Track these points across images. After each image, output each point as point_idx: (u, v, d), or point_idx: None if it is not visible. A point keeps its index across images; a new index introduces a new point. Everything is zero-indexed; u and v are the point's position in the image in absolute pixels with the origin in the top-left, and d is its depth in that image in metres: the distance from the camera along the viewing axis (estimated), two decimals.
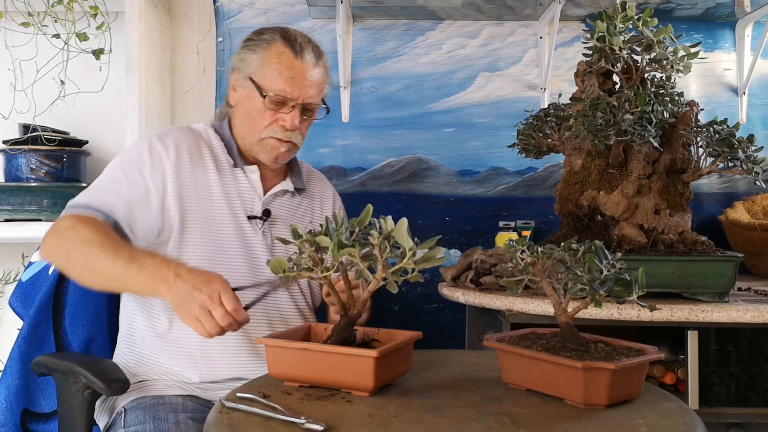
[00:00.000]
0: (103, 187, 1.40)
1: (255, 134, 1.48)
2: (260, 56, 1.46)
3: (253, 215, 1.48)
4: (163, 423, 1.28)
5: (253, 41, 1.49)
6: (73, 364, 1.32)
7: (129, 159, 1.43)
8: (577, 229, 1.71)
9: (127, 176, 1.40)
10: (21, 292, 1.56)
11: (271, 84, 1.44)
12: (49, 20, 2.07)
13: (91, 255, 1.27)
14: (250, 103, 1.47)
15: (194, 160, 1.46)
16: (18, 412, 1.47)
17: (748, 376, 1.67)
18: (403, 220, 0.96)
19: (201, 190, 1.44)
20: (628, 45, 1.58)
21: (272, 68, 1.45)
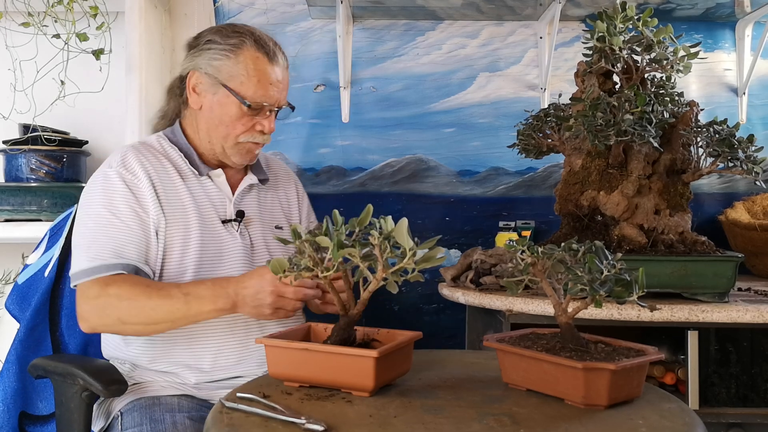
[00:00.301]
0: (103, 238, 1.35)
1: (230, 140, 1.45)
2: (234, 63, 1.42)
3: (227, 219, 1.46)
4: (160, 424, 1.28)
5: (220, 45, 1.43)
6: (70, 366, 1.31)
7: (110, 199, 1.38)
8: (577, 229, 1.71)
9: (119, 217, 1.36)
10: (17, 295, 1.56)
11: (250, 92, 1.42)
12: (49, 20, 2.07)
13: (145, 310, 1.30)
14: (223, 109, 1.43)
15: (161, 176, 1.42)
16: (15, 415, 1.46)
17: (748, 376, 1.67)
18: (403, 220, 0.96)
19: (174, 205, 1.42)
20: (628, 45, 1.58)
21: (249, 75, 1.42)
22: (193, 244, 1.40)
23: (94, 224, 1.36)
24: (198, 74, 1.45)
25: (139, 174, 1.39)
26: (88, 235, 1.37)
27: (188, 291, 1.32)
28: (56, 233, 1.60)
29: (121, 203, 1.37)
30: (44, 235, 1.62)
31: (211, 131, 1.46)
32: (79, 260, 1.35)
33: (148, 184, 1.39)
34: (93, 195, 1.40)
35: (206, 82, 1.44)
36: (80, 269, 1.34)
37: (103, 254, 1.33)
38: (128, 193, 1.38)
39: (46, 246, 1.59)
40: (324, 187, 2.38)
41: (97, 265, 1.32)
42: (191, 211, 1.42)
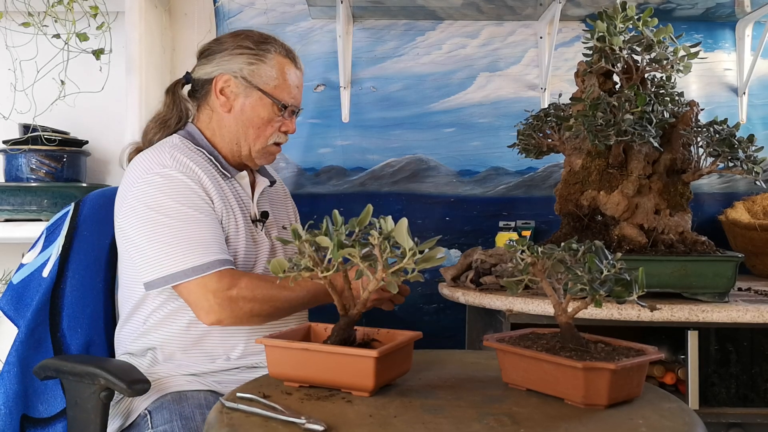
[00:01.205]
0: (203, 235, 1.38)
1: (259, 142, 1.53)
2: (269, 67, 1.51)
3: (255, 219, 1.54)
4: (191, 421, 1.29)
5: (253, 51, 1.51)
6: (89, 367, 1.30)
7: (183, 196, 1.40)
8: (577, 229, 1.71)
9: (201, 211, 1.40)
10: (12, 295, 1.55)
11: (285, 96, 1.52)
12: (49, 20, 2.07)
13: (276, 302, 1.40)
14: (255, 111, 1.51)
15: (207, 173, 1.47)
16: (17, 418, 1.45)
17: (748, 376, 1.67)
18: (403, 220, 0.96)
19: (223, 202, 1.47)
20: (628, 45, 1.58)
21: (281, 79, 1.52)
22: (240, 240, 1.47)
23: (181, 222, 1.38)
24: (227, 77, 1.51)
25: (195, 170, 1.44)
26: (178, 234, 1.37)
27: (307, 288, 1.42)
28: (53, 232, 1.59)
29: (196, 198, 1.41)
30: (40, 235, 1.61)
31: (241, 133, 1.52)
32: (181, 259, 1.36)
33: (206, 178, 1.44)
34: (161, 195, 1.39)
35: (238, 85, 1.51)
36: (189, 267, 1.36)
37: (212, 249, 1.38)
38: (198, 187, 1.42)
39: (42, 245, 1.59)
40: (324, 187, 2.38)
41: (213, 260, 1.37)
42: (229, 211, 1.48)
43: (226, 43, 1.54)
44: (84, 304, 1.52)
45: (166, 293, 1.44)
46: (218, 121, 1.53)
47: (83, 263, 1.54)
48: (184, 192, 1.40)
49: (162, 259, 1.37)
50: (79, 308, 1.51)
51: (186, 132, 1.55)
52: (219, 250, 1.39)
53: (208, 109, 1.54)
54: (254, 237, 1.51)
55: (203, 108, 1.56)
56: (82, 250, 1.55)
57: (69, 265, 1.53)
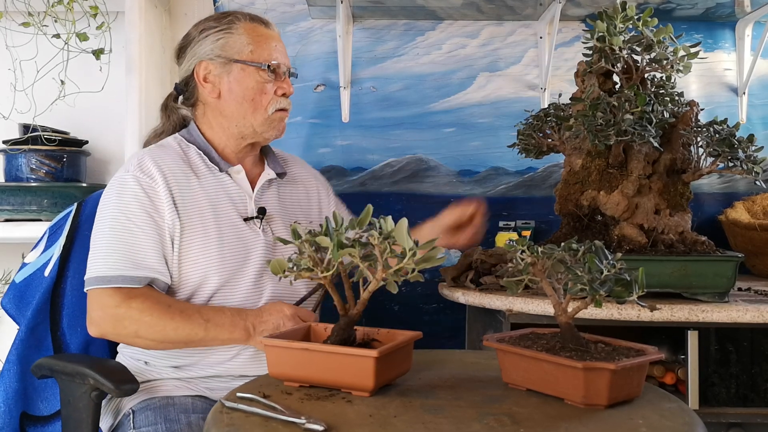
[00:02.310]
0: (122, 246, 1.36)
1: (260, 114, 1.47)
2: (237, 36, 1.46)
3: (248, 216, 1.47)
4: (175, 424, 1.28)
5: (217, 28, 1.48)
6: (80, 366, 1.31)
7: (126, 204, 1.38)
8: (577, 229, 1.71)
9: (136, 224, 1.37)
10: (14, 294, 1.55)
11: (264, 56, 1.46)
12: (49, 20, 2.07)
13: (165, 329, 1.33)
14: (243, 84, 1.46)
15: (177, 178, 1.43)
16: (17, 416, 1.46)
17: (748, 376, 1.67)
18: (403, 220, 0.96)
19: (191, 206, 1.42)
20: (628, 45, 1.58)
21: (256, 42, 1.47)
22: (212, 244, 1.41)
23: (110, 230, 1.37)
24: (205, 63, 1.48)
25: (155, 177, 1.40)
26: (105, 241, 1.37)
27: (209, 317, 1.35)
28: (55, 232, 1.60)
29: (137, 209, 1.38)
30: (43, 234, 1.62)
31: (238, 113, 1.47)
32: (96, 266, 1.36)
33: (164, 187, 1.39)
34: (110, 200, 1.41)
35: (216, 66, 1.47)
36: (96, 276, 1.35)
37: (122, 264, 1.35)
38: (144, 197, 1.38)
39: (45, 245, 1.59)
40: None
41: (116, 275, 1.34)
42: (209, 211, 1.43)
43: (192, 33, 1.52)
44: (84, 304, 1.51)
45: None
46: (212, 111, 1.50)
47: (84, 263, 1.54)
48: (127, 200, 1.38)
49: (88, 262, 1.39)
50: (79, 307, 1.51)
51: (185, 130, 1.54)
52: (131, 266, 1.35)
53: (201, 104, 1.52)
54: (242, 234, 1.44)
55: (196, 105, 1.54)
56: (82, 250, 1.55)
57: (70, 265, 1.53)
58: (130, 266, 1.35)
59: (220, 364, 1.42)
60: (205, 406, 1.36)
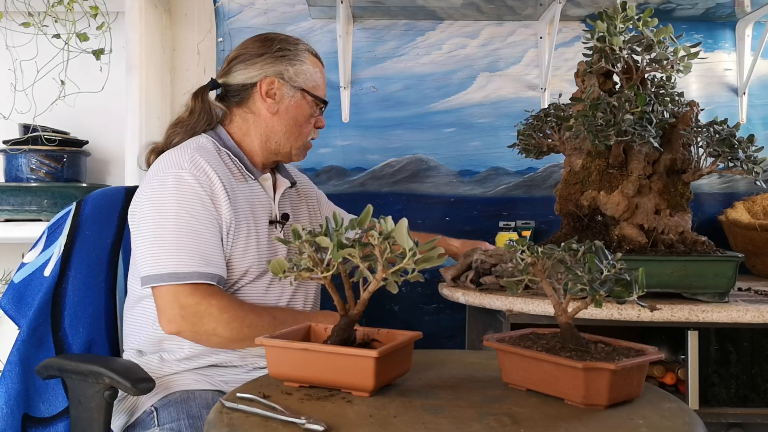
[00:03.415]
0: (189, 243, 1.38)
1: (301, 139, 1.59)
2: (308, 68, 1.57)
3: (273, 220, 1.54)
4: (198, 420, 1.30)
5: (291, 52, 1.57)
6: (94, 365, 1.30)
7: (187, 201, 1.40)
8: (578, 229, 1.71)
9: (200, 221, 1.39)
10: (13, 294, 1.55)
11: (321, 93, 1.61)
12: (49, 20, 2.07)
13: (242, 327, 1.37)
14: (299, 110, 1.57)
15: (226, 177, 1.47)
16: (18, 417, 1.45)
17: (748, 376, 1.67)
18: (403, 221, 0.96)
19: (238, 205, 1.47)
20: (629, 45, 1.58)
21: (318, 78, 1.60)
22: (252, 244, 1.47)
23: (175, 227, 1.38)
24: (272, 80, 1.55)
25: (211, 175, 1.43)
26: (171, 237, 1.38)
27: (275, 315, 1.42)
28: (54, 231, 1.60)
29: (199, 206, 1.40)
30: (42, 234, 1.62)
31: (283, 133, 1.57)
32: (166, 263, 1.36)
33: (219, 184, 1.43)
34: (167, 195, 1.40)
35: (285, 87, 1.55)
36: (169, 272, 1.36)
37: (195, 261, 1.37)
38: (204, 194, 1.41)
39: (44, 245, 1.59)
40: (324, 187, 2.37)
41: (191, 272, 1.36)
42: (249, 212, 1.48)
43: (264, 47, 1.56)
44: (86, 304, 1.52)
45: None
46: (257, 123, 1.55)
47: (85, 263, 1.54)
48: (189, 197, 1.40)
49: (150, 259, 1.38)
50: (80, 307, 1.51)
51: (214, 133, 1.56)
52: (203, 263, 1.37)
53: (247, 113, 1.56)
54: (269, 237, 1.52)
55: (239, 111, 1.57)
56: (83, 250, 1.55)
57: (71, 265, 1.53)
58: (202, 263, 1.37)
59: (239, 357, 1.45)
60: None
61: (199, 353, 1.44)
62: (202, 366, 1.44)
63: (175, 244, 1.37)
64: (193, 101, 1.58)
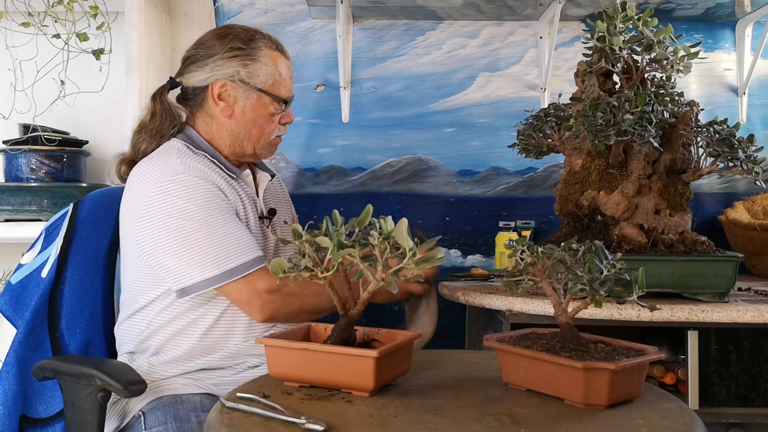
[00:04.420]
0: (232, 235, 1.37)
1: (264, 139, 1.54)
2: (263, 65, 1.50)
3: (262, 216, 1.54)
4: (185, 423, 1.29)
5: (244, 50, 1.48)
6: (86, 367, 1.30)
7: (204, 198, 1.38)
8: (577, 229, 1.71)
9: (224, 212, 1.39)
10: (11, 295, 1.54)
11: (282, 90, 1.53)
12: (49, 20, 2.07)
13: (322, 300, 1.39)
14: (256, 111, 1.51)
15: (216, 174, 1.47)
16: (16, 419, 1.45)
17: (748, 376, 1.67)
18: (403, 221, 0.96)
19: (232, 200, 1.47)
20: (628, 45, 1.58)
21: (278, 74, 1.52)
22: None
23: (209, 226, 1.36)
24: (223, 82, 1.49)
25: (208, 172, 1.43)
26: (212, 237, 1.35)
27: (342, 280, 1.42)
28: (52, 233, 1.59)
29: (219, 201, 1.41)
30: (39, 235, 1.61)
31: (244, 134, 1.52)
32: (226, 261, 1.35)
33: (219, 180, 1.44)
34: (181, 202, 1.37)
35: (236, 88, 1.49)
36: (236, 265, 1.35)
37: (247, 248, 1.37)
38: (215, 189, 1.41)
39: (41, 246, 1.58)
40: (324, 187, 2.38)
41: (251, 259, 1.36)
42: (240, 211, 1.48)
43: (215, 47, 1.49)
44: (83, 305, 1.52)
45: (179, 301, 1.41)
46: (218, 126, 1.52)
47: (82, 264, 1.54)
48: (205, 195, 1.38)
49: (198, 264, 1.34)
50: (77, 308, 1.51)
51: (185, 136, 1.52)
52: (256, 248, 1.39)
53: (206, 116, 1.52)
54: (264, 234, 1.52)
55: (199, 114, 1.53)
56: (80, 251, 1.55)
57: (68, 266, 1.53)
58: (254, 248, 1.38)
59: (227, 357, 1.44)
60: (213, 404, 1.36)
61: (188, 356, 1.42)
62: (192, 370, 1.43)
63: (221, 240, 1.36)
64: (152, 103, 1.54)
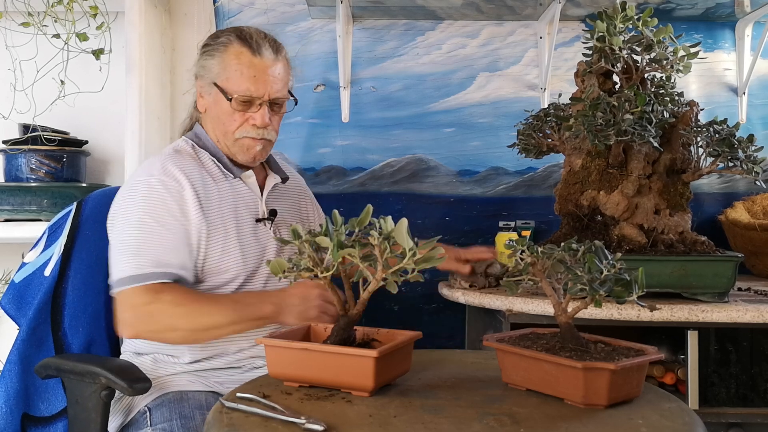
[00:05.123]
0: (148, 247, 1.37)
1: (228, 136, 1.50)
2: (219, 60, 1.47)
3: (260, 218, 1.52)
4: (190, 420, 1.29)
5: (210, 46, 1.50)
6: (91, 365, 1.30)
7: (153, 206, 1.40)
8: (577, 229, 1.71)
9: (162, 224, 1.39)
10: (14, 294, 1.55)
11: (234, 86, 1.46)
12: (49, 20, 2.07)
13: (198, 316, 1.35)
14: (219, 107, 1.49)
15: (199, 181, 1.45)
16: (18, 417, 1.45)
17: (747, 376, 1.67)
18: (403, 221, 0.96)
19: (214, 208, 1.45)
20: (628, 45, 1.58)
21: (233, 70, 1.46)
22: (234, 245, 1.45)
23: (138, 232, 1.38)
24: (199, 79, 1.52)
25: (181, 181, 1.42)
26: (132, 243, 1.38)
27: (237, 299, 1.40)
28: (55, 231, 1.60)
29: (164, 211, 1.39)
30: (43, 233, 1.62)
31: (216, 130, 1.52)
32: (124, 268, 1.37)
33: (190, 190, 1.42)
34: (134, 202, 1.41)
35: (204, 84, 1.51)
36: (125, 276, 1.36)
37: (149, 263, 1.36)
38: (171, 201, 1.40)
39: (45, 244, 1.59)
40: (324, 187, 2.38)
41: (144, 273, 1.35)
42: (229, 213, 1.47)
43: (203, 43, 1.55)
44: (85, 303, 1.52)
45: None
46: (205, 122, 1.55)
47: (85, 262, 1.54)
48: (154, 204, 1.40)
49: (113, 266, 1.39)
50: (80, 307, 1.51)
51: (193, 133, 1.56)
52: (157, 264, 1.36)
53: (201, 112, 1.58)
54: (258, 235, 1.50)
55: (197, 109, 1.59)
56: (83, 250, 1.55)
57: (71, 264, 1.53)
58: (156, 264, 1.36)
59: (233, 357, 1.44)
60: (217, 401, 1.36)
61: (198, 358, 1.43)
62: (198, 369, 1.44)
63: (134, 249, 1.37)
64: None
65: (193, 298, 1.36)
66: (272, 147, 1.56)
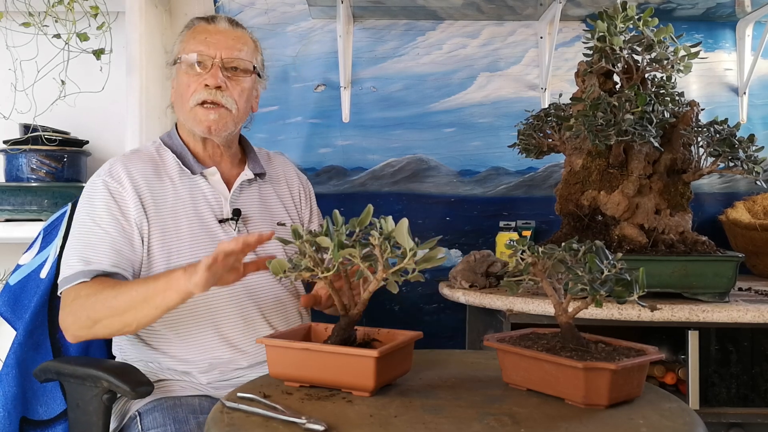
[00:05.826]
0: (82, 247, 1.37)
1: (185, 108, 1.46)
2: (180, 39, 1.50)
3: (223, 218, 1.46)
4: (184, 425, 1.27)
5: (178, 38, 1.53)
6: (92, 369, 1.30)
7: (93, 207, 1.40)
8: (578, 229, 1.71)
9: (100, 225, 1.38)
10: (9, 296, 1.54)
11: (186, 48, 1.47)
12: (49, 20, 2.07)
13: (107, 300, 1.28)
14: (179, 83, 1.48)
15: (149, 181, 1.43)
16: (16, 420, 1.44)
17: (748, 376, 1.67)
18: (403, 221, 0.96)
19: (163, 209, 1.42)
20: (629, 45, 1.58)
21: (188, 40, 1.48)
22: (185, 246, 1.41)
23: (78, 233, 1.40)
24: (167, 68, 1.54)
25: (123, 182, 1.41)
26: (71, 244, 1.40)
27: (144, 279, 1.34)
28: (50, 233, 1.59)
29: (104, 212, 1.39)
30: (38, 235, 1.61)
31: (181, 113, 1.50)
32: (63, 270, 1.38)
33: (132, 191, 1.41)
34: (81, 205, 1.44)
35: (171, 70, 1.52)
36: (61, 278, 1.37)
37: (79, 262, 1.35)
38: (111, 200, 1.40)
39: (40, 246, 1.58)
40: (324, 187, 2.38)
41: (74, 273, 1.34)
42: (182, 213, 1.43)
43: None
44: None
45: None
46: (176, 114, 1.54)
47: None
48: (94, 204, 1.40)
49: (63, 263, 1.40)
50: None
51: (166, 133, 1.56)
52: (86, 262, 1.34)
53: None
54: (216, 236, 1.43)
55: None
56: None
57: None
58: (86, 263, 1.35)
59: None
60: (212, 405, 1.35)
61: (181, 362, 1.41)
62: (189, 371, 1.42)
63: (70, 251, 1.39)
64: None
65: (104, 286, 1.31)
66: (234, 121, 1.47)
